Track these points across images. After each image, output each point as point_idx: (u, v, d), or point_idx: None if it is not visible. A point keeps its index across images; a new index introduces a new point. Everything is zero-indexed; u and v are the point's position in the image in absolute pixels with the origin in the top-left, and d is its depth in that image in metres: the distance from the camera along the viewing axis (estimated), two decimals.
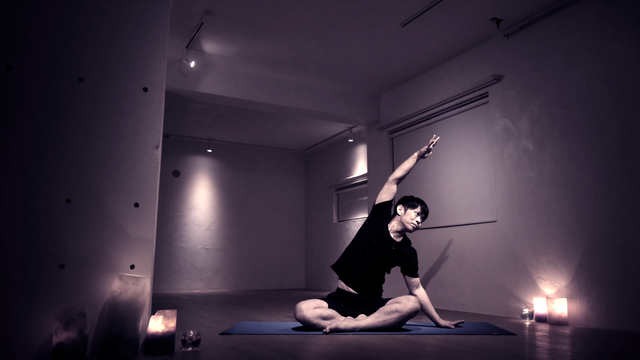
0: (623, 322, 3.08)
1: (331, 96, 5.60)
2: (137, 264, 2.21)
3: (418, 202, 3.19)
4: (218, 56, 4.79)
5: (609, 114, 3.31)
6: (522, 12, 3.88)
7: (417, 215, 3.14)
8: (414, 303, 2.88)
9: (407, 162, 3.26)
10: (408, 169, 3.24)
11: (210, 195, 7.81)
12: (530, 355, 2.24)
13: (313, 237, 8.27)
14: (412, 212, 3.14)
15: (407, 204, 3.18)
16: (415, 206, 3.16)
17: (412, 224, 3.12)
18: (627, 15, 3.26)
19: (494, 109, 4.25)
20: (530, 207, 3.80)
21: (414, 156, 3.27)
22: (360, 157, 7.22)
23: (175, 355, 2.10)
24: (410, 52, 4.67)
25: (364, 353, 2.20)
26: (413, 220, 3.12)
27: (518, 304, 3.81)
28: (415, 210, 3.15)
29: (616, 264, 3.16)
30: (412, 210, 3.15)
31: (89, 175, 2.18)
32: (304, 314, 2.84)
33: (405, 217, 3.14)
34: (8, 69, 2.09)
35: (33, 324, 1.97)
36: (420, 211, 3.16)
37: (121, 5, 2.37)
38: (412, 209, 3.16)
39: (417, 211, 3.15)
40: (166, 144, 7.28)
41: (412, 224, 3.12)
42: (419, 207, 3.16)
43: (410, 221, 3.12)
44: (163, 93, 2.41)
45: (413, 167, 3.27)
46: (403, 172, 3.23)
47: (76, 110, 2.20)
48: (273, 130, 7.40)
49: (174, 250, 7.40)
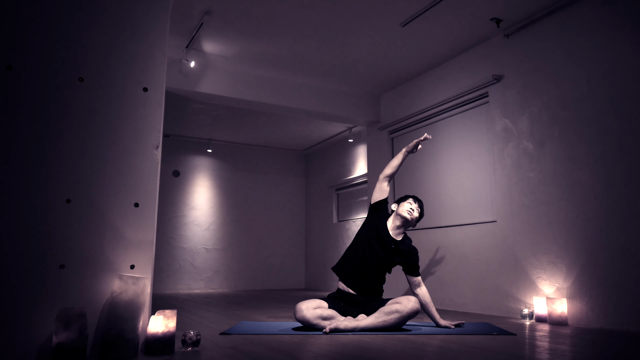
0: (623, 322, 3.08)
1: (331, 96, 5.60)
2: (137, 264, 2.21)
3: (410, 196, 3.26)
4: (218, 56, 4.79)
5: (609, 114, 3.30)
6: (522, 12, 3.88)
7: (410, 204, 3.17)
8: (414, 304, 2.88)
9: (396, 158, 3.29)
10: (397, 165, 3.27)
11: (210, 195, 7.81)
12: (530, 355, 2.24)
13: (313, 237, 8.26)
14: (406, 203, 3.18)
15: (400, 200, 3.25)
16: (406, 198, 3.24)
17: (408, 211, 3.14)
18: (627, 15, 3.26)
19: (494, 109, 4.25)
20: (530, 207, 3.80)
21: (402, 152, 3.30)
22: (360, 157, 7.22)
23: (175, 355, 2.10)
24: (410, 52, 4.67)
25: (364, 353, 2.20)
26: (409, 209, 3.15)
27: (518, 304, 3.80)
28: (407, 201, 3.20)
29: (616, 263, 3.16)
30: (404, 202, 3.20)
31: (89, 175, 2.18)
32: (304, 314, 2.84)
33: (401, 209, 3.17)
34: (8, 69, 2.09)
35: (33, 324, 1.97)
36: (412, 201, 3.20)
37: (121, 6, 2.37)
38: (404, 200, 3.22)
39: (410, 201, 3.19)
40: (166, 144, 7.28)
41: (409, 211, 3.14)
42: (410, 198, 3.23)
43: (407, 210, 3.14)
44: (163, 93, 2.41)
45: (402, 163, 3.30)
46: (392, 169, 3.26)
47: (76, 110, 2.20)
48: (273, 130, 7.40)
49: (174, 250, 7.40)
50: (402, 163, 3.29)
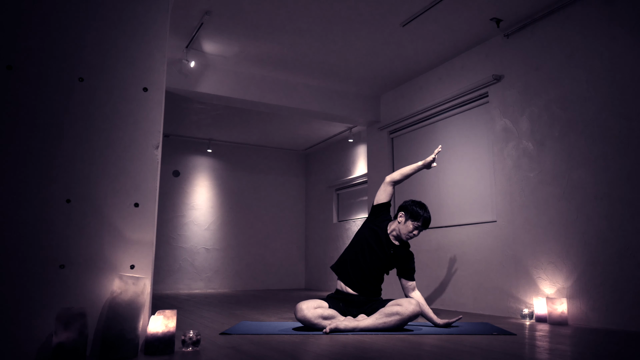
0: (623, 322, 3.08)
1: (331, 96, 5.60)
2: (137, 264, 2.21)
3: (422, 214, 3.06)
4: (218, 56, 4.79)
5: (609, 114, 3.30)
6: (522, 12, 3.88)
7: (416, 229, 3.06)
8: (415, 307, 2.88)
9: (409, 168, 3.21)
10: (407, 174, 3.20)
11: (210, 195, 7.81)
12: (530, 355, 2.24)
13: (313, 237, 8.26)
14: (411, 225, 3.05)
15: (410, 214, 3.08)
16: (417, 218, 3.05)
17: (409, 236, 3.08)
18: (627, 15, 3.26)
19: (494, 109, 4.25)
20: (530, 207, 3.79)
21: (418, 164, 3.20)
22: (360, 157, 7.22)
23: (175, 355, 2.10)
24: (410, 52, 4.67)
25: (364, 353, 2.20)
26: (410, 233, 3.07)
27: (518, 304, 3.80)
28: (415, 223, 3.05)
29: (616, 264, 3.16)
30: (412, 222, 3.06)
31: (89, 175, 2.18)
32: (304, 313, 2.84)
33: (404, 227, 3.07)
34: (8, 69, 2.09)
35: (33, 324, 1.97)
36: (420, 225, 3.06)
37: (121, 6, 2.37)
38: (413, 221, 3.05)
39: (417, 225, 3.05)
40: (166, 144, 7.28)
41: (408, 237, 3.08)
42: (420, 220, 3.05)
43: (407, 233, 3.07)
44: (163, 93, 2.41)
45: (413, 174, 3.22)
46: (401, 176, 3.19)
47: (76, 110, 2.20)
48: (273, 130, 7.40)
49: (174, 250, 7.40)
50: (412, 174, 3.22)
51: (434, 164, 3.21)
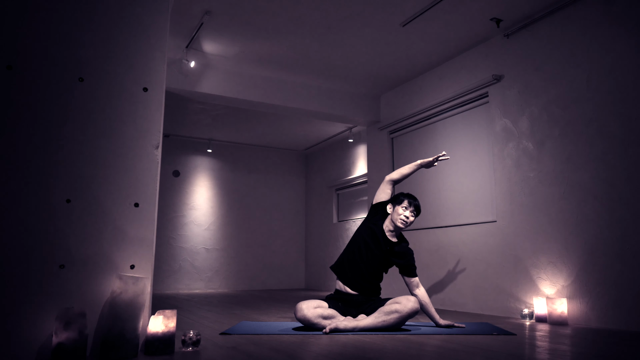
0: (623, 322, 3.08)
1: (331, 96, 5.60)
2: (137, 264, 2.21)
3: (404, 196, 3.12)
4: (218, 56, 4.79)
5: (609, 114, 3.30)
6: (522, 12, 3.88)
7: (405, 209, 3.06)
8: (414, 303, 2.88)
9: (407, 167, 3.24)
10: (406, 174, 3.23)
11: (210, 195, 7.81)
12: (530, 355, 2.24)
13: (313, 237, 8.26)
14: (400, 208, 3.08)
15: (393, 200, 3.15)
16: (401, 201, 3.10)
17: (401, 219, 3.06)
18: (627, 15, 3.26)
19: (494, 109, 4.26)
20: (530, 207, 3.80)
21: (416, 163, 3.24)
22: (360, 157, 7.22)
23: (175, 355, 2.10)
24: (410, 52, 4.67)
25: (364, 353, 2.20)
26: (401, 215, 3.06)
27: (518, 304, 3.80)
28: (402, 205, 3.08)
29: (616, 264, 3.16)
30: (399, 205, 3.09)
31: (89, 175, 2.18)
32: (304, 313, 2.84)
33: (394, 214, 3.10)
34: (8, 69, 2.09)
35: (33, 324, 1.97)
36: (407, 205, 3.08)
37: (121, 6, 2.37)
38: (399, 204, 3.10)
39: (404, 205, 3.08)
40: (166, 144, 7.28)
41: (401, 219, 3.06)
42: (405, 200, 3.09)
43: (398, 217, 3.07)
44: (163, 93, 2.41)
45: (412, 174, 3.25)
46: (400, 176, 3.23)
47: (76, 111, 2.20)
48: (273, 130, 7.40)
49: (174, 250, 7.40)
50: (411, 174, 3.24)
51: (435, 164, 3.25)
